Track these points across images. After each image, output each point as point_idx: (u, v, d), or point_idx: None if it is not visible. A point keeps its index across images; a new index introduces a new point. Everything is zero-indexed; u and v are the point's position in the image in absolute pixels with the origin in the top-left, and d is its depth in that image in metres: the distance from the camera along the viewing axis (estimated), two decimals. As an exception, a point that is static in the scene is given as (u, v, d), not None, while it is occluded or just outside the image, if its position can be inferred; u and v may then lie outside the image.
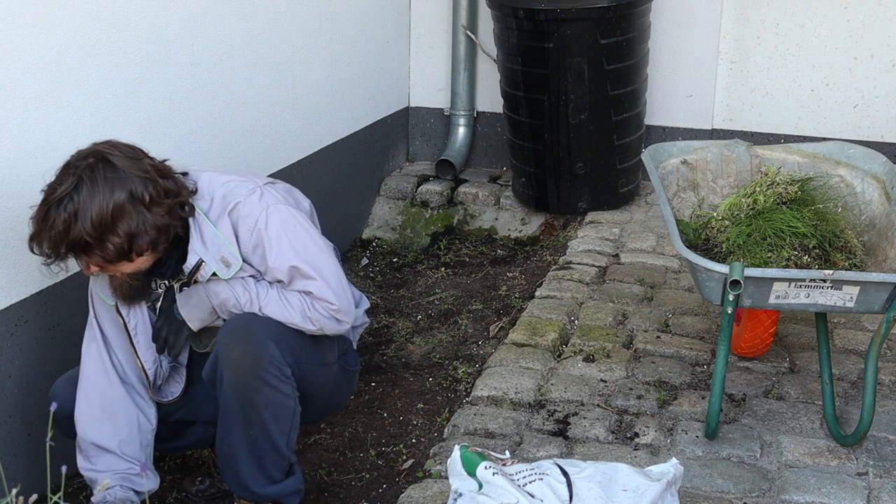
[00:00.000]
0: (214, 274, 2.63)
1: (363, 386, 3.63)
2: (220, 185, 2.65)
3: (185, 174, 2.65)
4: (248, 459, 2.69)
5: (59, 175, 2.43)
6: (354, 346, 3.00)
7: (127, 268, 2.53)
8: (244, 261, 2.64)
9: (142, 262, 2.53)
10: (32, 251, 2.46)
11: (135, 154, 2.50)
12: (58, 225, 2.37)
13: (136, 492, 2.73)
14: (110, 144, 2.49)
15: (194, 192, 2.62)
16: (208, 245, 2.61)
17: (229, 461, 2.72)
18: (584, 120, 4.70)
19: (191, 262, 2.61)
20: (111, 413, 2.74)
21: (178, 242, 2.60)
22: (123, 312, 2.71)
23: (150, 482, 2.80)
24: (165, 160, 2.61)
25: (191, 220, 2.59)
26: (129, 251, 2.46)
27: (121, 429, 2.74)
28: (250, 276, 2.67)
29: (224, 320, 2.69)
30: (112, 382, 2.75)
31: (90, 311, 2.79)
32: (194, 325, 2.70)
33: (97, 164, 2.41)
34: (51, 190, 2.42)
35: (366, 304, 3.03)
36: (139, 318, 2.73)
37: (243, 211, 2.61)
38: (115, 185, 2.40)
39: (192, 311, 2.68)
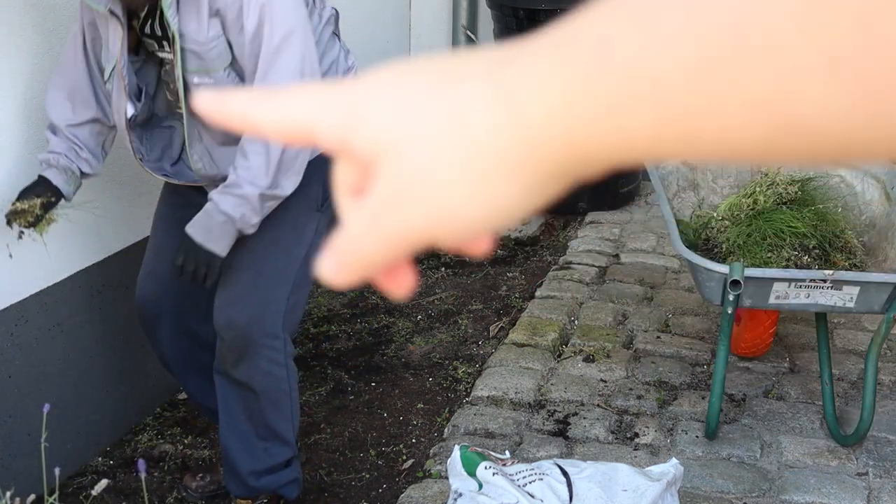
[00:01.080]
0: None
1: (363, 386, 3.63)
2: None
3: None
4: (245, 447, 2.75)
5: None
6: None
7: None
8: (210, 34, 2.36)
9: None
10: None
11: None
12: None
13: (83, 174, 2.64)
14: None
15: None
16: None
17: (228, 451, 2.78)
18: (584, 120, 4.69)
19: None
20: (74, 101, 2.63)
21: None
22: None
23: (92, 167, 2.66)
24: None
25: None
26: None
27: (78, 116, 2.63)
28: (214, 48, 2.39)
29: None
30: (80, 72, 2.62)
31: (78, 18, 2.62)
32: (224, 251, 2.50)
33: None
34: None
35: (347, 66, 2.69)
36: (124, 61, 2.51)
37: None
38: None
39: (219, 241, 2.49)
